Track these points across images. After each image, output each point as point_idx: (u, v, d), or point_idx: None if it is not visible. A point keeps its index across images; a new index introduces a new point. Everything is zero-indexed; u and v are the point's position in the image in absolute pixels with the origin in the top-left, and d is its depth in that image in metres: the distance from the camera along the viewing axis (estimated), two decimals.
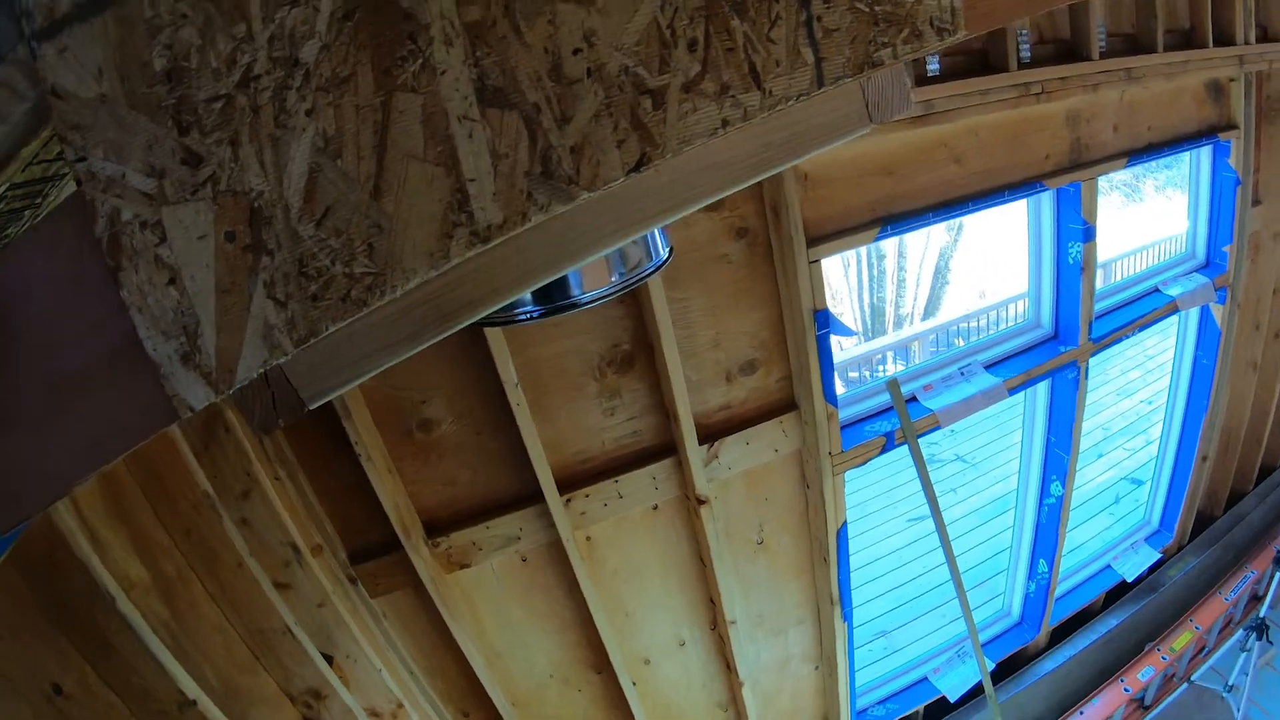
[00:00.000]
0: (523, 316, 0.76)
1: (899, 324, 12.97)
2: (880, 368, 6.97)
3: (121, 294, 0.55)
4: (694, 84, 0.55)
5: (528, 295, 0.74)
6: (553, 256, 0.59)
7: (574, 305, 0.76)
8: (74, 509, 1.30)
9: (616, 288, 0.76)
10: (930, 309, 12.97)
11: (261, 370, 0.55)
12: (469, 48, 0.54)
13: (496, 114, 0.54)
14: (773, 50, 0.56)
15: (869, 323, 13.42)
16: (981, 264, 12.60)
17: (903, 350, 7.21)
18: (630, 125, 0.55)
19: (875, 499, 5.26)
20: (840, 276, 13.60)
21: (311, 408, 0.61)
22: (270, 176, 0.54)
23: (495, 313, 0.76)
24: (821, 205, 1.87)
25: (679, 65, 0.55)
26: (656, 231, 0.79)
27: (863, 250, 13.16)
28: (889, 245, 13.28)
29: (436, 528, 2.01)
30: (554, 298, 0.74)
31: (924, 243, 13.37)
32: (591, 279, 0.74)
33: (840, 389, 2.28)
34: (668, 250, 0.84)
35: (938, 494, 5.16)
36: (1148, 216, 12.54)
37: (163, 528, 1.54)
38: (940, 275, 13.32)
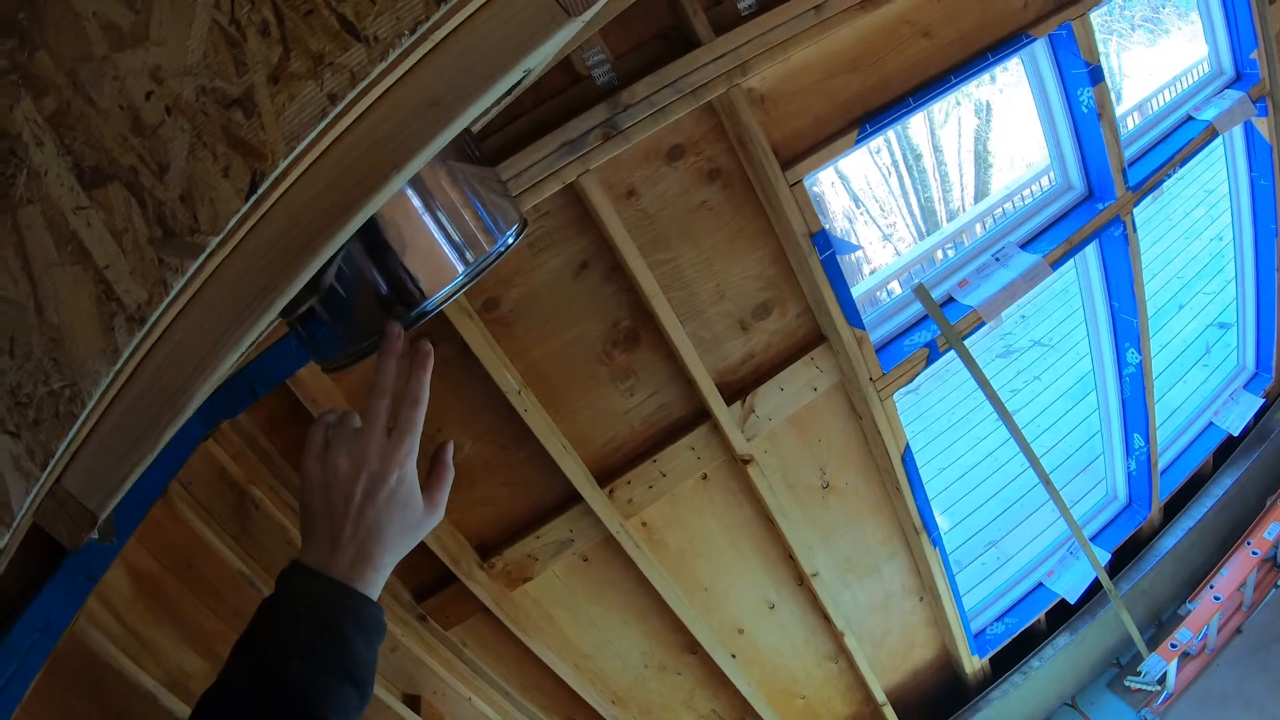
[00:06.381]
0: (346, 362, 0.67)
1: (952, 217, 12.49)
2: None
3: None
4: (280, 71, 0.48)
5: (362, 340, 0.65)
6: (237, 313, 0.54)
7: (423, 314, 0.65)
8: (116, 619, 1.31)
9: (470, 275, 0.67)
10: (980, 194, 12.48)
11: (37, 497, 0.56)
12: (58, 140, 0.52)
13: (103, 193, 0.52)
14: None
15: (922, 224, 12.96)
16: (1019, 136, 11.99)
17: (960, 243, 6.86)
18: (229, 146, 0.49)
19: (960, 405, 5.07)
20: (883, 187, 13.22)
21: (102, 516, 0.59)
22: None
23: (340, 360, 0.68)
24: (788, 122, 1.74)
25: (257, 58, 0.48)
26: (480, 210, 0.68)
27: (898, 154, 12.76)
28: (922, 142, 12.80)
29: (490, 548, 1.98)
30: (396, 313, 0.63)
31: (956, 131, 12.86)
32: (433, 276, 0.64)
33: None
34: (518, 223, 0.73)
35: (1023, 383, 4.96)
36: (1175, 48, 11.70)
37: (213, 614, 1.54)
38: (981, 159, 12.79)
